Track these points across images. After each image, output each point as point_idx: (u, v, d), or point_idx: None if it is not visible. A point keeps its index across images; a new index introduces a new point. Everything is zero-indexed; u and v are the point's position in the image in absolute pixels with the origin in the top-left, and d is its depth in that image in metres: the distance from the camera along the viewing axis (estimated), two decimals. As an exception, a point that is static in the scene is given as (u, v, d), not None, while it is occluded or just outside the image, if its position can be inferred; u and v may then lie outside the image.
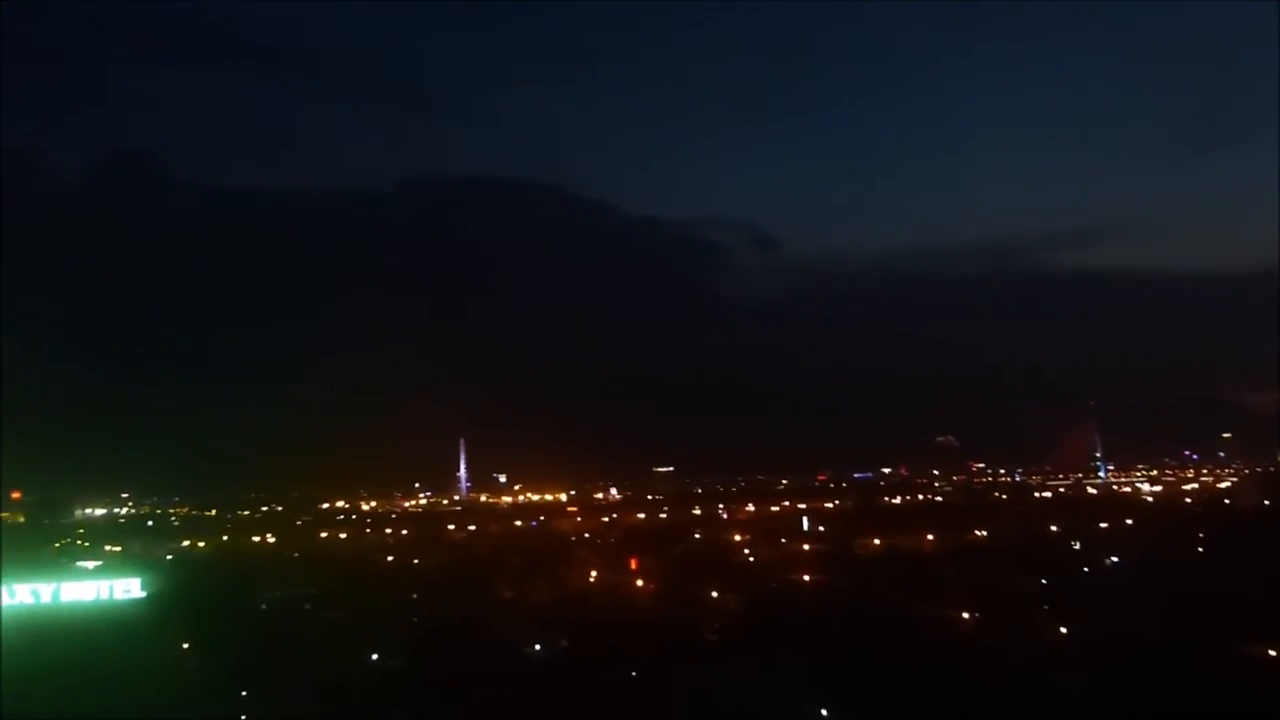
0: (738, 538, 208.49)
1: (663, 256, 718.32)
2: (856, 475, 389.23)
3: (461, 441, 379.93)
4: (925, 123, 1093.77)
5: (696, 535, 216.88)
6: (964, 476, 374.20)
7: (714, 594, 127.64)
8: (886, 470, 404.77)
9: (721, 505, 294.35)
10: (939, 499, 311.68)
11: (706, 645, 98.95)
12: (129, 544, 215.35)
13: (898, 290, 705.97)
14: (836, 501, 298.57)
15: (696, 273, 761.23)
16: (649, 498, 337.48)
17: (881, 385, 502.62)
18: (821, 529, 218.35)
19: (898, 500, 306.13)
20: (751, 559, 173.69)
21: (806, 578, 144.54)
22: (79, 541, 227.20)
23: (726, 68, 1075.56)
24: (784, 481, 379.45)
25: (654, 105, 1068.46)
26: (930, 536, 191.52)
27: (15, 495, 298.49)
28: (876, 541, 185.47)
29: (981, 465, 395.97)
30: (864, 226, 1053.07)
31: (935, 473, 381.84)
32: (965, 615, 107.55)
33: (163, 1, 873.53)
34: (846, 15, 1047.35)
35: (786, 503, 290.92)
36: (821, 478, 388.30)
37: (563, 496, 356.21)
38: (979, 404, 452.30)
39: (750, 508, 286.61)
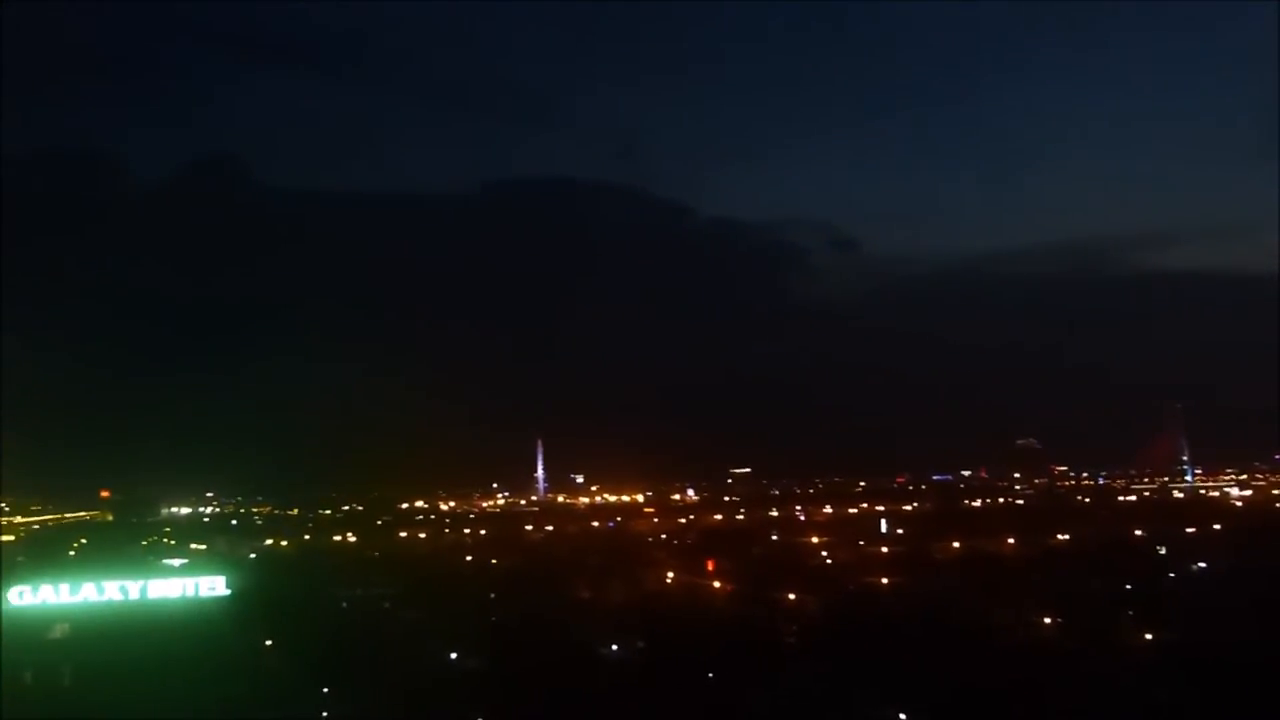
0: (815, 540, 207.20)
1: (740, 258, 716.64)
2: (935, 477, 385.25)
3: (539, 442, 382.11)
4: (1004, 123, 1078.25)
5: (774, 537, 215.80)
6: (1046, 480, 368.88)
7: (791, 596, 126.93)
8: (966, 473, 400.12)
9: (799, 507, 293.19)
10: (1020, 502, 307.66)
11: (784, 648, 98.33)
12: (214, 542, 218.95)
13: (977, 291, 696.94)
14: (915, 504, 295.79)
15: (774, 274, 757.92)
16: (726, 499, 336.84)
17: (961, 387, 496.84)
18: (900, 531, 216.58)
19: (977, 503, 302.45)
20: (829, 561, 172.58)
21: (885, 581, 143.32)
22: (166, 539, 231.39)
23: (806, 68, 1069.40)
24: (861, 484, 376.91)
25: (734, 106, 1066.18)
26: (1011, 540, 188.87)
27: (104, 494, 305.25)
28: (956, 545, 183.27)
29: (1064, 468, 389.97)
30: (942, 227, 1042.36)
31: (1016, 475, 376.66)
32: (1047, 620, 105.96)
33: (248, 7, 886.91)
34: (925, 15, 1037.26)
35: (864, 505, 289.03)
36: (900, 480, 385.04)
37: (639, 497, 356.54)
38: (1061, 406, 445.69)
39: (828, 510, 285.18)
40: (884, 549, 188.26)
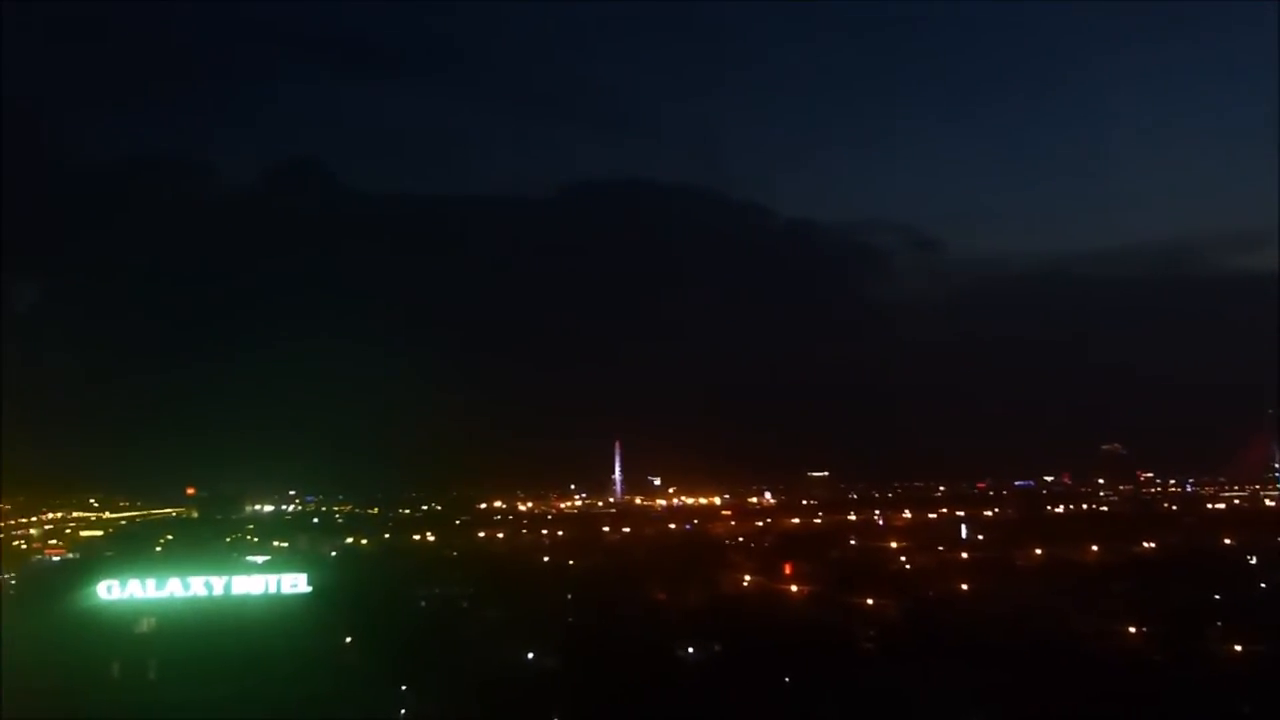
0: (894, 544, 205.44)
1: (820, 259, 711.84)
2: (1017, 483, 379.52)
3: (617, 444, 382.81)
4: (1090, 121, 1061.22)
5: (852, 541, 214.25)
6: (1131, 486, 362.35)
7: (869, 601, 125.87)
8: (1049, 478, 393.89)
9: (877, 511, 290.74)
10: (1104, 509, 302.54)
11: (862, 653, 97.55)
12: (296, 540, 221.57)
13: (1061, 293, 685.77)
14: (996, 509, 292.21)
15: (855, 276, 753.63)
16: (804, 502, 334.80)
17: (1044, 391, 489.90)
18: (980, 537, 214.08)
19: (1060, 509, 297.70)
20: (908, 566, 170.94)
21: (965, 587, 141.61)
22: (249, 537, 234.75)
23: (886, 69, 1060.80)
24: (941, 488, 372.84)
25: (813, 106, 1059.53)
26: (1095, 547, 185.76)
27: (190, 491, 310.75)
28: (1038, 551, 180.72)
29: (1150, 475, 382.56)
30: (1026, 228, 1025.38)
31: (1100, 482, 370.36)
32: (1132, 629, 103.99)
33: (333, 15, 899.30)
34: (1010, 11, 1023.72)
35: (944, 510, 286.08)
36: (981, 485, 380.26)
37: (717, 500, 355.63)
38: (1148, 412, 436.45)
39: (907, 514, 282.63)
40: (964, 555, 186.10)
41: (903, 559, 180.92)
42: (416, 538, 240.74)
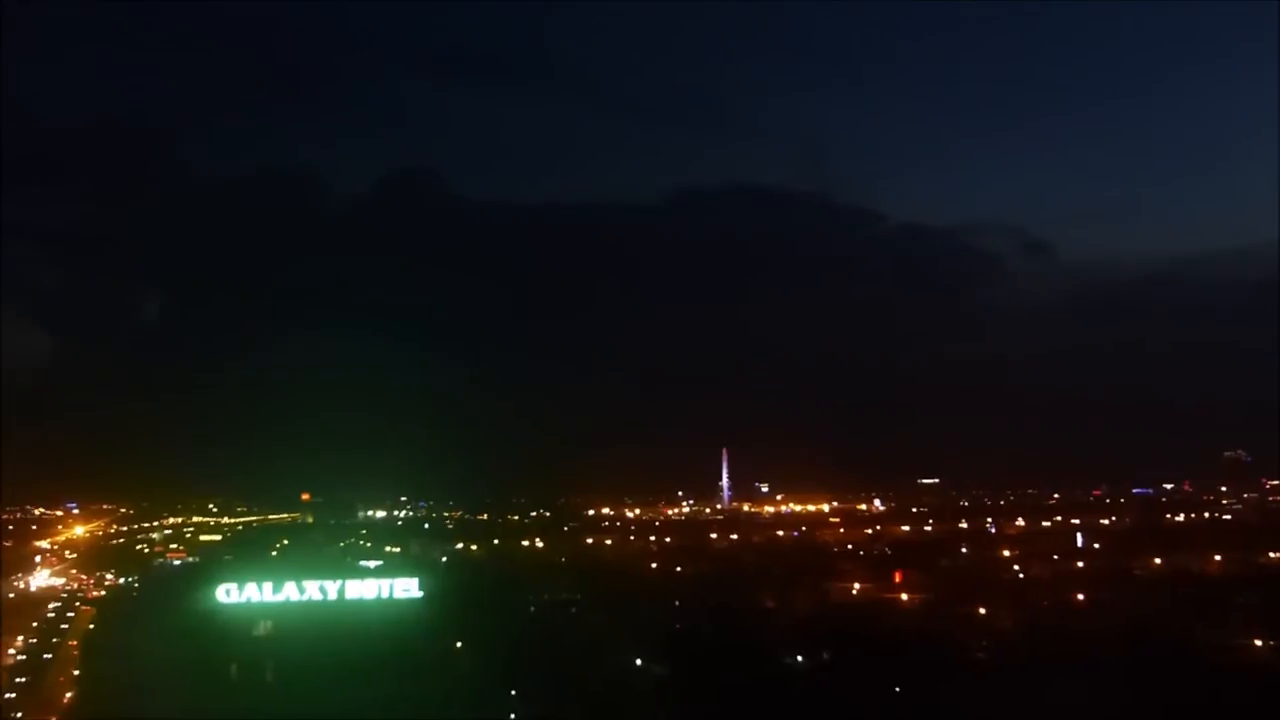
0: (1006, 553, 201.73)
1: (929, 263, 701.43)
2: (1135, 490, 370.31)
3: (724, 451, 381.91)
4: (1207, 116, 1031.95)
5: (963, 549, 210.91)
6: (1256, 494, 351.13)
7: (981, 610, 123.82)
8: (1168, 486, 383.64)
9: (989, 519, 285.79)
10: (1227, 517, 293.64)
11: (974, 663, 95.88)
12: (407, 545, 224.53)
13: (1180, 295, 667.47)
14: (1113, 518, 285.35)
15: (965, 280, 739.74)
16: (913, 510, 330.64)
17: (1163, 396, 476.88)
18: (1096, 546, 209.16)
19: (1180, 518, 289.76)
20: (1021, 575, 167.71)
21: (1081, 596, 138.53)
22: (362, 542, 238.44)
23: (995, 68, 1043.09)
24: (1055, 496, 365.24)
25: (919, 107, 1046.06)
26: (1217, 557, 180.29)
27: (305, 497, 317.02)
28: (1157, 561, 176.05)
29: (1276, 483, 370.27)
30: (1142, 228, 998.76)
31: (1223, 489, 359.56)
32: (1258, 642, 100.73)
33: (440, 26, 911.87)
34: (1120, 10, 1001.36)
35: (1059, 518, 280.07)
36: (1097, 493, 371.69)
37: (825, 507, 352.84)
38: (1272, 417, 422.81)
39: (1020, 522, 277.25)
40: (1079, 564, 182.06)
41: (1015, 568, 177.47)
42: (526, 544, 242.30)
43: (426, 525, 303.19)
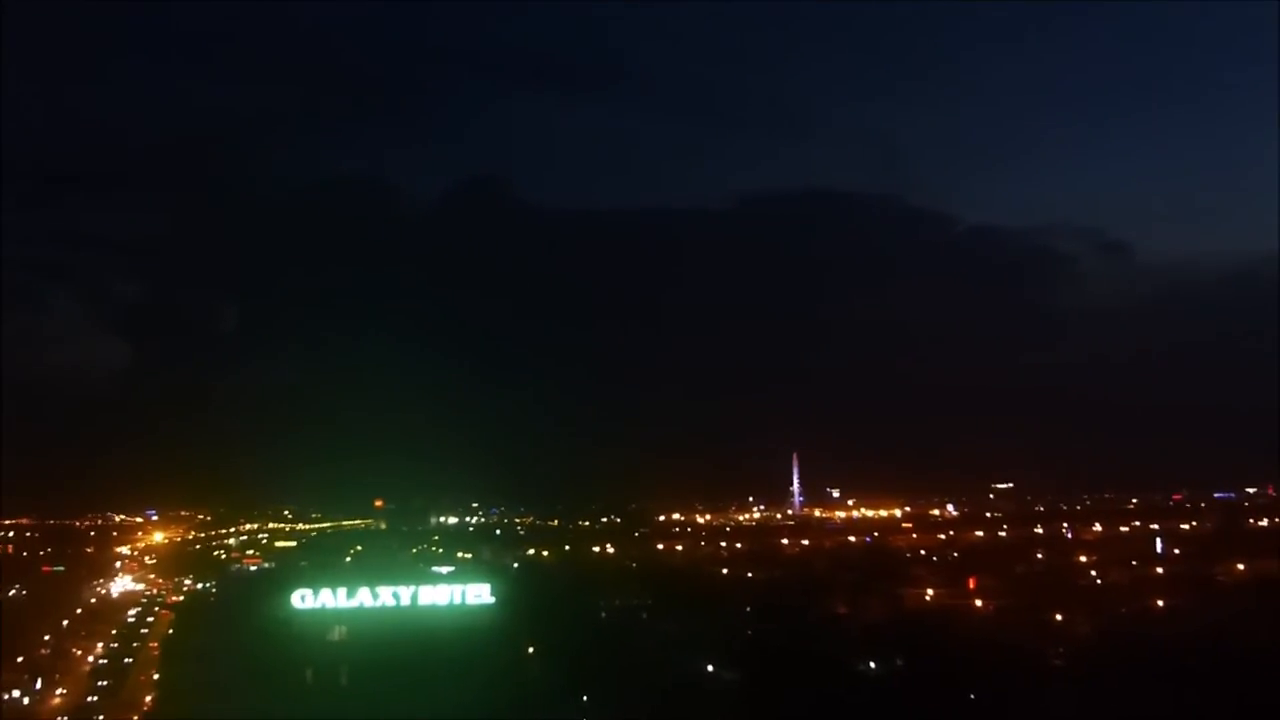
0: (1083, 559, 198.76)
1: (1003, 266, 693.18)
2: (1217, 495, 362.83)
3: (795, 456, 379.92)
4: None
5: (1038, 555, 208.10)
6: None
7: (1058, 617, 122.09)
8: (1251, 490, 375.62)
9: (1065, 524, 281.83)
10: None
11: (1051, 670, 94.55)
12: (479, 551, 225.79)
13: (1264, 295, 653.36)
14: (1193, 523, 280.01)
15: (1040, 281, 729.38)
16: (987, 515, 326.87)
17: (1247, 398, 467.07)
18: (1177, 551, 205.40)
19: (1264, 522, 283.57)
20: (1099, 581, 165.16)
21: (1160, 603, 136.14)
22: (434, 548, 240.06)
23: (1072, 65, 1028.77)
24: (1134, 501, 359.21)
25: (991, 107, 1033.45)
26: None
27: (378, 503, 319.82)
28: (1240, 566, 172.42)
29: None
30: (1224, 228, 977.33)
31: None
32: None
33: (505, 31, 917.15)
34: (1192, 7, 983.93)
35: (1137, 523, 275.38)
36: (1176, 497, 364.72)
37: (897, 512, 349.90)
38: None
39: (1097, 527, 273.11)
40: (1159, 570, 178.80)
41: (1093, 573, 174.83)
42: (596, 549, 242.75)
43: (498, 531, 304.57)
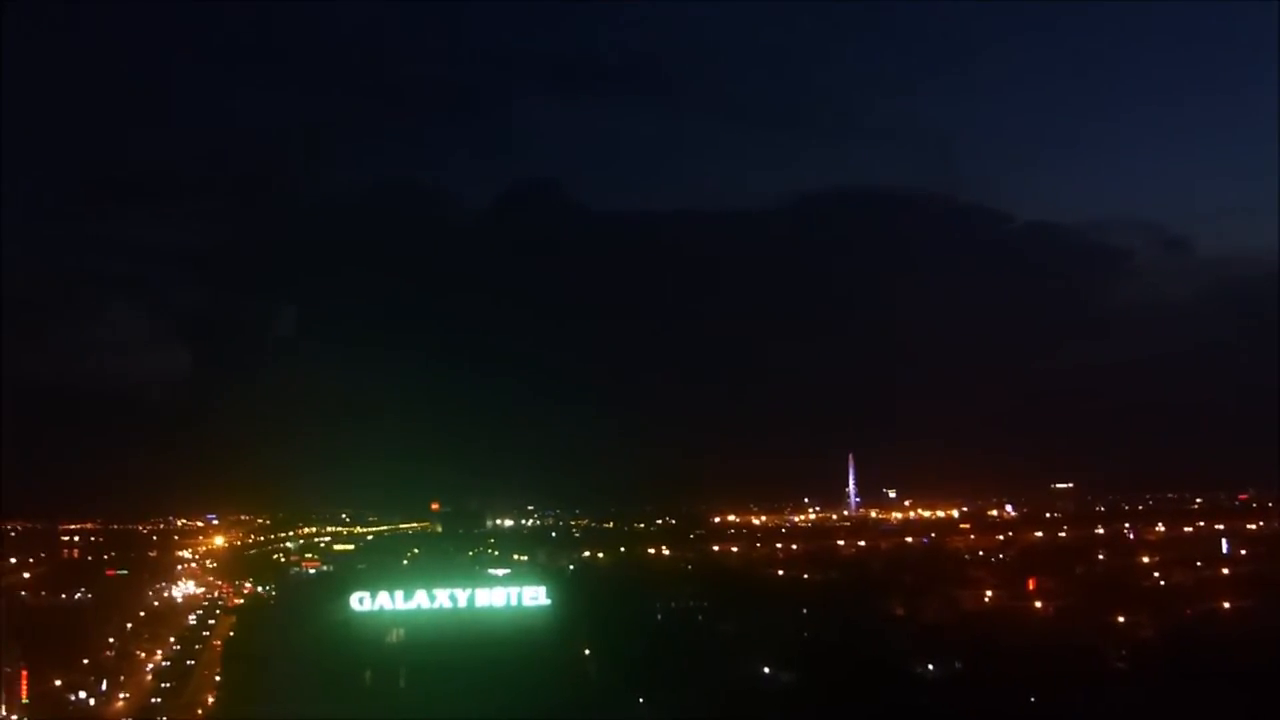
0: (1146, 560, 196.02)
1: (1060, 262, 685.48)
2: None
3: (850, 456, 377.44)
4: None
5: (1100, 556, 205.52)
6: None
7: (1120, 619, 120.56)
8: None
9: (1127, 525, 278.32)
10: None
11: (1113, 673, 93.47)
12: (535, 553, 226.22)
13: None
14: (1260, 523, 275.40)
15: (1098, 278, 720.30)
16: (1047, 515, 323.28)
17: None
18: (1243, 552, 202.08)
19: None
20: (1162, 583, 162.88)
21: (1226, 605, 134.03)
22: (490, 550, 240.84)
23: (1129, 57, 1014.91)
24: (1198, 501, 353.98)
25: (1047, 102, 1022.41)
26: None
27: (434, 506, 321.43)
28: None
29: None
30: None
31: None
32: None
33: (554, 35, 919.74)
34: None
35: (1201, 523, 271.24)
36: (1243, 497, 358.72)
37: (955, 513, 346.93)
38: None
39: (1159, 528, 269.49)
40: (1225, 571, 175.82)
41: (1156, 575, 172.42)
42: (651, 551, 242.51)
43: (553, 533, 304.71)
